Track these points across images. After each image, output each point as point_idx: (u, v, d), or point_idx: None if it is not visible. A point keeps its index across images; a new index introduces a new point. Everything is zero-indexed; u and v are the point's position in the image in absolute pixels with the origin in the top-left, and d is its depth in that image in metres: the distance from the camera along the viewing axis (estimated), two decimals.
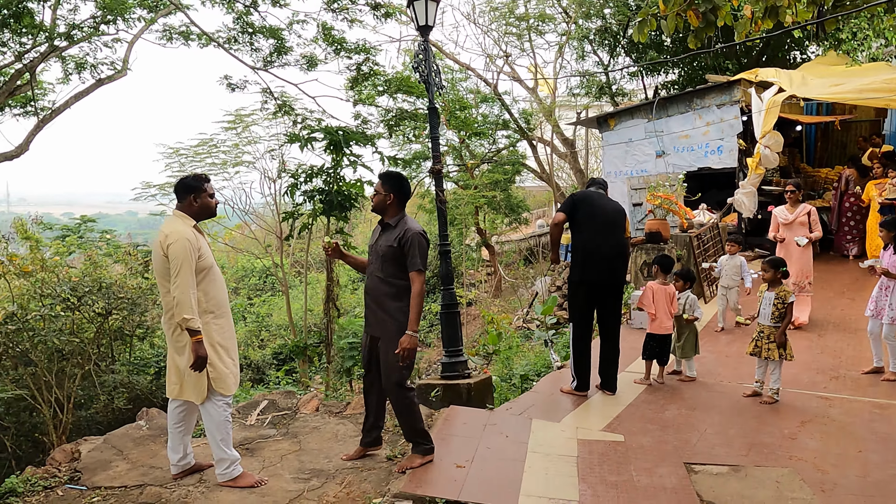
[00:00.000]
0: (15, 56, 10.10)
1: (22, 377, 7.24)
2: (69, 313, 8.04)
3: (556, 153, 22.54)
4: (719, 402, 5.24)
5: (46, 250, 9.34)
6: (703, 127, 11.38)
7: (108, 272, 9.20)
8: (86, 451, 4.46)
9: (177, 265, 3.55)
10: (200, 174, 3.99)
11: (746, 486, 3.75)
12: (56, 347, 7.52)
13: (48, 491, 3.95)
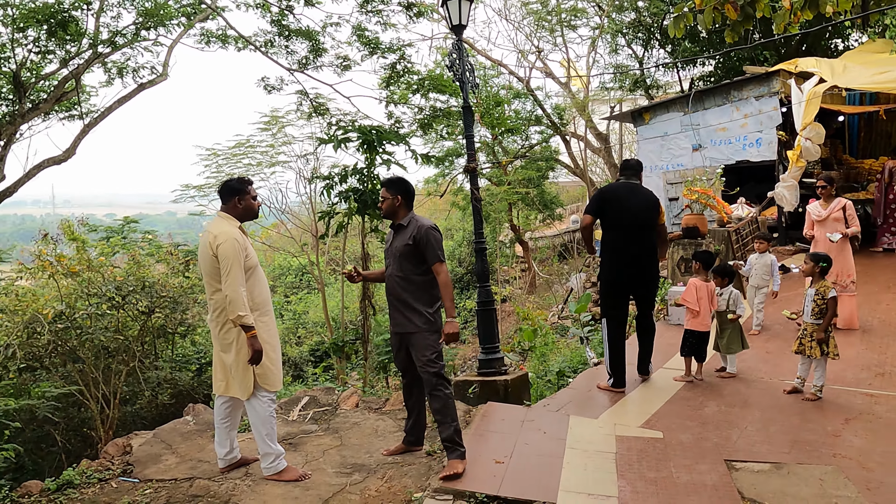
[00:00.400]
0: (60, 63, 10.45)
1: (71, 374, 7.48)
2: (114, 312, 8.29)
3: (590, 148, 22.37)
4: (760, 399, 5.18)
5: (92, 251, 9.65)
6: (741, 119, 11.19)
7: (151, 271, 9.46)
8: (137, 445, 4.63)
9: (227, 265, 3.67)
10: (244, 177, 4.11)
11: (789, 484, 3.72)
12: (102, 345, 7.75)
13: (103, 483, 4.11)
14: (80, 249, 9.02)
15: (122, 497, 3.87)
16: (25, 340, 7.46)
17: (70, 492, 3.98)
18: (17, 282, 9.44)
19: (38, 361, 7.78)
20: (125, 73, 11.26)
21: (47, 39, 9.67)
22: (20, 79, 9.71)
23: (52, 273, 8.39)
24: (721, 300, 5.78)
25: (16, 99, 9.90)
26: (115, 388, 7.61)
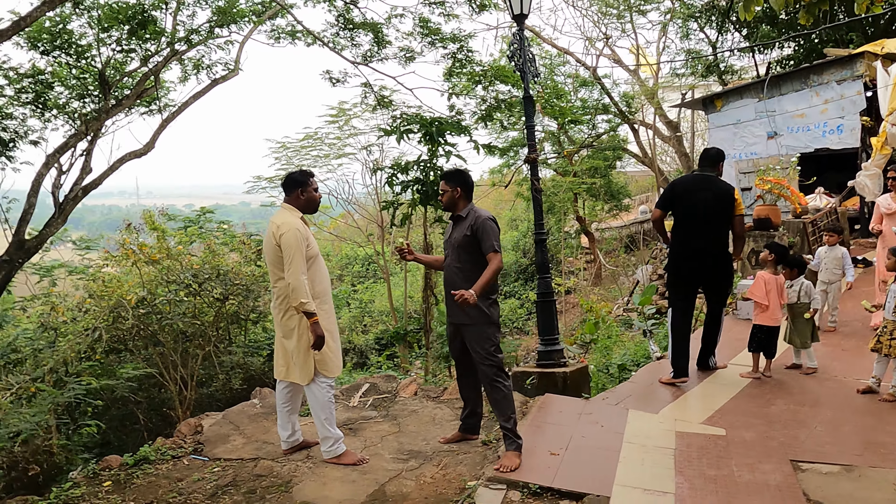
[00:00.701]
0: (141, 61, 10.99)
1: (152, 356, 7.89)
2: (191, 298, 8.68)
3: (660, 136, 21.77)
4: (832, 398, 4.96)
5: (171, 240, 10.13)
6: (821, 105, 10.64)
7: (225, 260, 9.86)
8: (207, 426, 4.86)
9: (290, 254, 3.81)
10: (306, 170, 4.24)
11: (859, 488, 3.56)
12: (180, 329, 8.14)
13: (175, 460, 4.35)
14: (160, 239, 9.48)
15: (192, 474, 4.08)
16: (111, 324, 7.92)
17: (146, 467, 4.23)
18: (104, 269, 10.04)
19: (123, 344, 8.25)
20: (200, 69, 11.74)
21: (129, 39, 10.17)
22: (105, 76, 10.26)
23: (134, 261, 8.87)
24: (792, 292, 5.56)
25: (101, 96, 10.47)
26: (192, 371, 7.97)
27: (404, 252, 4.30)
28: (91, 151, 10.40)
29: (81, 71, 10.62)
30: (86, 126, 10.00)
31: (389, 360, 12.07)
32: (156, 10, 10.15)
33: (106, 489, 3.94)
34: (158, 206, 12.64)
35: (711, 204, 5.19)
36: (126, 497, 3.81)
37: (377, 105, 10.89)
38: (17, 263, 9.67)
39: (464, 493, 3.60)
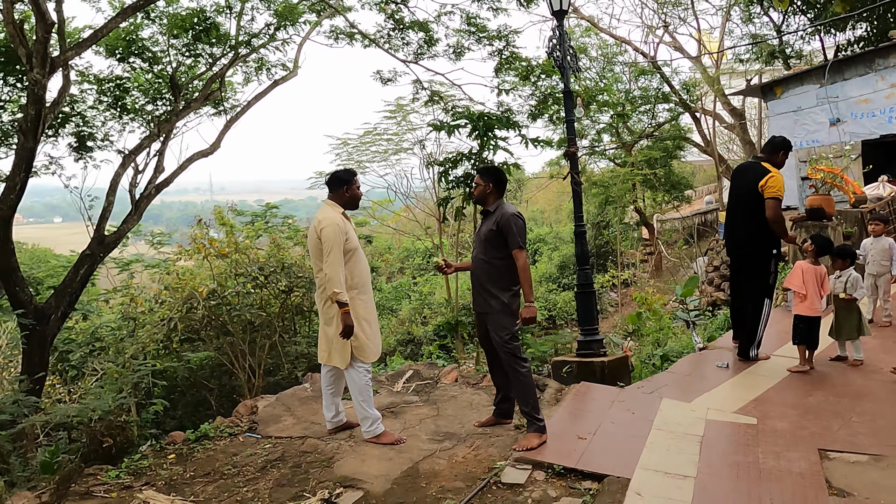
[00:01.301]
0: (207, 65, 11.62)
1: (222, 345, 8.36)
2: (258, 290, 9.14)
3: (723, 125, 21.20)
4: (874, 391, 4.90)
5: (239, 234, 10.67)
6: (887, 89, 10.22)
7: (289, 253, 10.31)
8: (262, 407, 5.25)
9: (328, 247, 4.11)
10: (350, 169, 4.55)
11: (885, 476, 3.57)
12: (248, 320, 8.59)
13: (232, 437, 4.74)
14: (229, 233, 10.03)
15: (246, 449, 4.45)
16: (185, 315, 8.46)
17: (206, 442, 4.64)
18: (178, 262, 10.69)
19: (196, 334, 8.78)
20: (261, 70, 12.29)
21: (194, 44, 10.77)
22: (175, 80, 10.89)
23: (205, 255, 9.42)
24: (839, 283, 5.48)
25: (172, 98, 11.13)
26: (260, 359, 8.41)
27: (443, 268, 4.57)
28: (163, 152, 11.06)
29: (154, 75, 11.31)
30: (158, 128, 10.65)
31: (443, 350, 12.34)
32: (219, 14, 10.70)
33: (170, 461, 4.35)
34: (230, 201, 13.29)
35: (743, 191, 5.22)
36: (187, 468, 4.20)
37: (429, 101, 11.15)
38: (98, 258, 10.40)
39: (491, 471, 3.81)
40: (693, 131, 21.83)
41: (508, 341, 4.18)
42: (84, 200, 11.03)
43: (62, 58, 8.46)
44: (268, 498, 3.68)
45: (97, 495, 3.86)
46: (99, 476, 4.13)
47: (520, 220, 4.24)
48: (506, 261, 4.21)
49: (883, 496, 3.39)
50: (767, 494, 3.44)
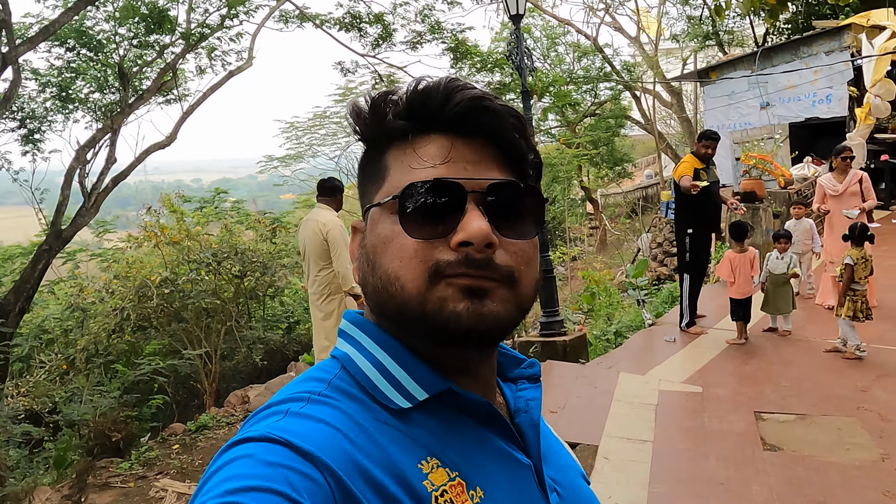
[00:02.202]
0: (157, 53, 11.56)
1: (176, 332, 8.46)
2: (211, 276, 9.28)
3: (661, 102, 22.11)
4: (800, 358, 5.62)
5: (189, 220, 10.72)
6: (811, 76, 11.07)
7: (241, 238, 10.45)
8: (253, 396, 5.60)
9: (336, 247, 4.50)
10: (338, 179, 4.93)
11: (809, 433, 4.24)
12: (202, 307, 8.70)
13: (229, 426, 5.10)
14: (180, 220, 10.11)
15: None
16: (137, 304, 8.52)
17: (206, 432, 4.99)
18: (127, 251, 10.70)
19: (148, 322, 8.85)
20: (214, 57, 12.28)
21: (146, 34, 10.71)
22: (124, 69, 10.81)
23: (156, 242, 9.48)
24: (783, 264, 6.09)
25: (121, 88, 11.04)
26: (215, 345, 8.59)
27: None
28: (115, 142, 11.01)
29: (102, 64, 11.18)
30: (112, 121, 10.60)
31: None
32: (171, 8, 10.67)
33: (175, 451, 4.69)
34: (166, 182, 13.15)
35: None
36: (195, 457, 4.55)
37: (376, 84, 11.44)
38: (55, 252, 10.36)
39: None
40: (633, 108, 22.69)
41: None
42: (35, 194, 10.90)
43: (13, 54, 8.39)
44: None
45: (115, 486, 4.18)
46: (111, 468, 4.44)
47: None
48: None
49: (806, 449, 4.05)
50: (713, 452, 4.06)
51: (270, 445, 0.59)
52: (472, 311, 0.65)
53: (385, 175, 0.72)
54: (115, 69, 10.96)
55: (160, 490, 4.09)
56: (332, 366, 0.72)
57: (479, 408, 0.70)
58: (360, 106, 0.74)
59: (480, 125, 0.70)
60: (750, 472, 3.80)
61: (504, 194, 0.68)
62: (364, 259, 0.72)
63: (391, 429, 0.65)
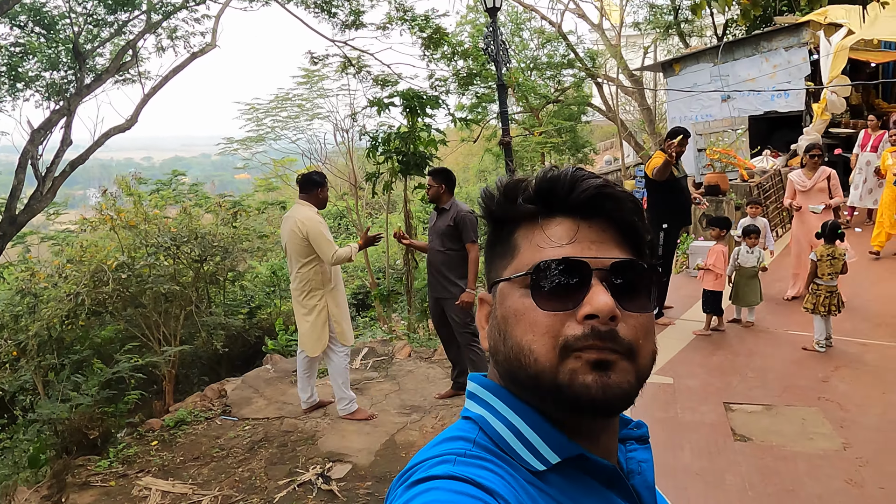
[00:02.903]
0: (115, 31, 11.17)
1: (133, 317, 8.27)
2: (170, 260, 9.10)
3: (623, 90, 22.41)
4: (763, 349, 5.86)
5: (146, 203, 10.46)
6: (770, 70, 11.40)
7: (200, 222, 10.25)
8: (230, 390, 5.57)
9: (318, 243, 4.49)
10: (321, 172, 4.88)
11: (775, 423, 4.46)
12: (161, 292, 8.51)
13: (208, 421, 5.07)
14: (137, 203, 9.87)
15: (227, 432, 4.81)
16: (92, 289, 8.29)
17: (185, 427, 4.94)
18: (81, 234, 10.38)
19: (104, 307, 8.62)
20: (175, 38, 11.93)
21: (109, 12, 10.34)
22: (79, 48, 10.43)
23: (112, 226, 9.23)
24: (752, 258, 6.29)
25: (76, 67, 10.66)
26: (174, 330, 8.42)
27: (399, 237, 5.03)
28: (70, 124, 10.66)
29: (54, 42, 10.75)
30: (68, 102, 10.25)
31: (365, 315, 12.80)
32: None
33: (155, 447, 4.64)
34: (115, 160, 12.81)
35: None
36: (175, 453, 4.52)
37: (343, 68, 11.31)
38: (9, 238, 10.01)
39: None
40: (595, 96, 22.94)
41: (468, 324, 4.74)
42: None
43: None
44: (265, 476, 4.10)
45: (96, 485, 4.13)
46: (89, 467, 4.37)
47: (473, 216, 4.77)
48: (461, 252, 4.77)
49: (774, 438, 4.26)
50: (686, 443, 4.24)
51: (457, 482, 0.66)
52: (599, 382, 0.71)
53: (515, 253, 0.80)
54: (70, 47, 10.56)
55: (143, 489, 4.06)
56: (471, 427, 0.79)
57: (604, 472, 0.77)
58: (492, 190, 0.83)
59: (603, 209, 0.77)
60: (723, 462, 3.99)
61: (625, 271, 0.75)
62: (495, 329, 0.79)
63: (532, 486, 0.72)
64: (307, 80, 16.57)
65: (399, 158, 9.32)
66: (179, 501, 3.89)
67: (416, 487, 0.67)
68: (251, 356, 9.38)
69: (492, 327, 0.80)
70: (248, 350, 9.84)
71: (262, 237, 11.63)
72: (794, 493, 3.61)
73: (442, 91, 10.64)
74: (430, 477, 0.68)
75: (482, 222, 0.87)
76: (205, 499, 3.87)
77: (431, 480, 0.67)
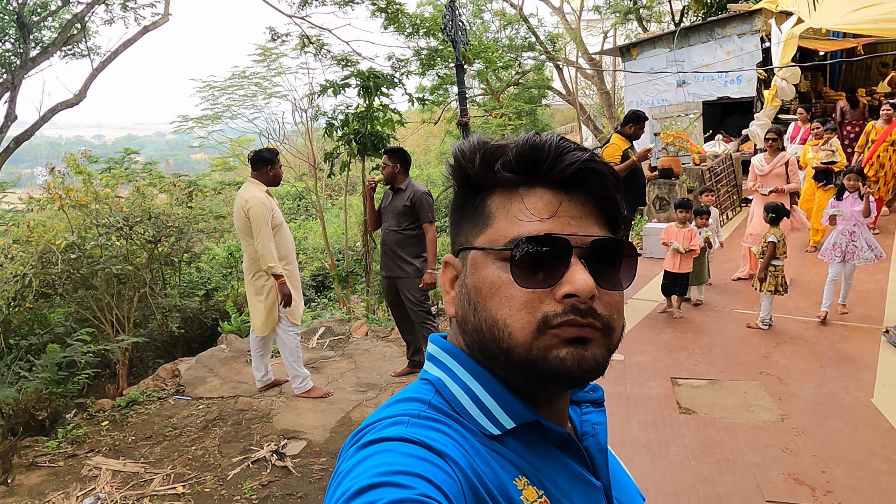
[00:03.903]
0: (62, 2, 10.77)
1: (84, 299, 8.08)
2: (122, 241, 8.89)
3: (582, 74, 22.60)
4: (710, 327, 6.06)
5: (97, 182, 10.17)
6: (724, 56, 11.64)
7: (154, 202, 10.02)
8: (184, 370, 5.51)
9: (257, 225, 4.41)
10: (273, 149, 4.80)
11: (718, 396, 4.63)
12: (113, 273, 8.32)
13: (161, 401, 5.01)
14: (87, 182, 9.59)
15: (180, 411, 4.76)
16: (40, 270, 8.06)
17: (136, 407, 4.88)
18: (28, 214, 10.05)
19: (52, 289, 8.40)
20: (126, 9, 11.55)
21: None
22: (24, 19, 10.04)
23: (61, 205, 8.97)
24: (700, 238, 6.45)
25: (20, 38, 10.26)
26: (128, 313, 8.24)
27: (373, 185, 4.97)
28: (15, 98, 10.28)
29: None
30: (12, 76, 9.87)
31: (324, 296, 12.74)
32: None
33: (106, 427, 4.58)
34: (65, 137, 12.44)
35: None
36: (127, 433, 4.47)
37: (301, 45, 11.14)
38: None
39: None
40: (556, 79, 23.09)
41: (422, 302, 4.79)
42: None
43: None
44: (218, 454, 4.09)
45: (44, 465, 4.06)
46: (37, 448, 4.29)
47: (430, 197, 4.80)
48: (416, 232, 4.79)
49: (717, 411, 4.43)
50: (635, 416, 4.37)
51: (407, 444, 0.67)
52: (575, 356, 0.71)
53: (489, 221, 0.76)
54: (14, 18, 10.15)
55: (93, 468, 4.00)
56: (427, 388, 0.79)
57: (559, 437, 0.78)
58: (467, 151, 0.78)
59: (585, 184, 0.75)
60: (668, 434, 4.14)
61: (604, 249, 0.74)
62: (465, 298, 0.77)
63: (487, 448, 0.73)
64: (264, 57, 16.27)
65: (356, 139, 9.26)
66: (131, 480, 3.85)
67: (367, 448, 0.67)
68: (208, 338, 9.27)
69: (461, 295, 0.78)
70: (205, 332, 9.72)
71: (218, 218, 11.43)
72: (733, 462, 3.77)
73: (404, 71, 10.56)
74: (383, 438, 0.68)
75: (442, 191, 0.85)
76: (157, 477, 3.84)
77: (383, 442, 0.67)
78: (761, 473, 3.64)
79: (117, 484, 3.80)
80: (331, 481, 0.68)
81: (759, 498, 3.41)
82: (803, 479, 3.58)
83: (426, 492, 0.61)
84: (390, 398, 0.80)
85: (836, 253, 5.80)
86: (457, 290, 0.79)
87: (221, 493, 3.66)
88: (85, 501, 3.65)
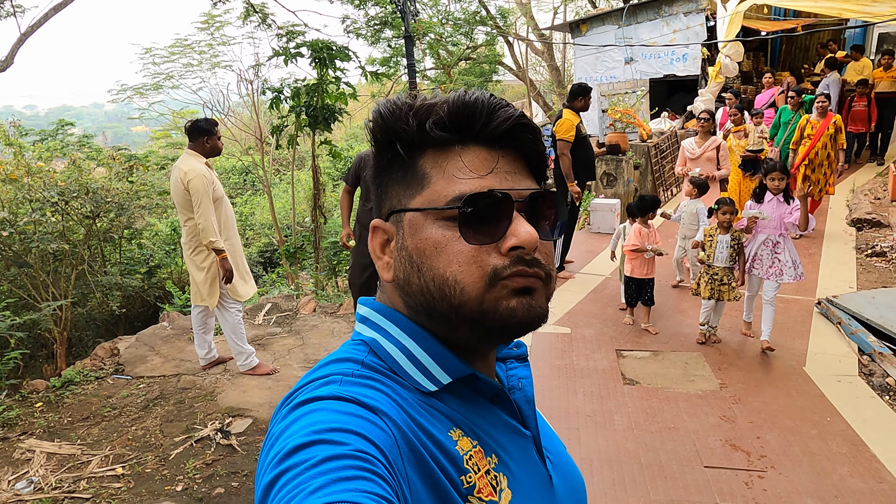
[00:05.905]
0: None
1: (18, 277, 7.75)
2: (58, 217, 8.53)
3: (533, 50, 22.61)
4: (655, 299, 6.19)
5: (29, 155, 9.68)
6: (670, 34, 11.80)
7: (92, 176, 9.63)
8: (123, 348, 5.33)
9: (198, 198, 4.26)
10: (212, 119, 4.61)
11: (661, 367, 4.76)
12: (48, 250, 7.99)
13: (99, 380, 4.84)
14: (18, 155, 9.13)
15: (119, 391, 4.61)
16: None
17: (73, 388, 4.70)
18: None
19: None
20: None
21: None
22: None
23: None
24: None
25: None
26: (66, 291, 7.93)
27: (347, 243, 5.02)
28: None
29: None
30: None
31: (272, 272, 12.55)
32: None
33: (39, 409, 4.40)
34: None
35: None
36: (62, 414, 4.30)
37: (261, 21, 10.79)
38: None
39: None
40: (507, 55, 23.03)
41: None
42: None
43: None
44: (160, 434, 3.98)
45: None
46: None
47: None
48: None
49: (659, 382, 4.55)
50: (581, 388, 4.45)
51: (340, 402, 0.67)
52: (524, 304, 0.73)
53: (425, 182, 0.76)
54: None
55: (26, 451, 3.85)
56: (361, 349, 0.79)
57: (491, 390, 0.80)
58: (391, 110, 0.77)
59: (517, 140, 0.78)
60: (612, 404, 4.23)
61: (537, 201, 0.77)
62: (405, 261, 0.77)
63: (422, 404, 0.74)
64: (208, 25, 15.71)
65: (307, 111, 9.05)
66: (67, 462, 3.72)
67: (300, 409, 0.67)
68: (151, 317, 9.02)
69: (400, 259, 0.78)
70: (148, 311, 9.45)
71: (161, 193, 11.07)
72: (674, 430, 3.89)
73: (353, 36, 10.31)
74: (315, 398, 0.68)
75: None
76: (95, 459, 3.72)
77: (316, 401, 0.68)
78: (700, 440, 3.77)
79: (52, 467, 3.66)
80: (264, 444, 0.68)
81: (697, 463, 3.53)
82: (739, 444, 3.72)
83: (361, 447, 0.61)
84: (322, 359, 0.79)
85: (755, 266, 4.95)
86: (394, 255, 0.80)
87: (163, 474, 3.57)
88: (17, 485, 3.51)
